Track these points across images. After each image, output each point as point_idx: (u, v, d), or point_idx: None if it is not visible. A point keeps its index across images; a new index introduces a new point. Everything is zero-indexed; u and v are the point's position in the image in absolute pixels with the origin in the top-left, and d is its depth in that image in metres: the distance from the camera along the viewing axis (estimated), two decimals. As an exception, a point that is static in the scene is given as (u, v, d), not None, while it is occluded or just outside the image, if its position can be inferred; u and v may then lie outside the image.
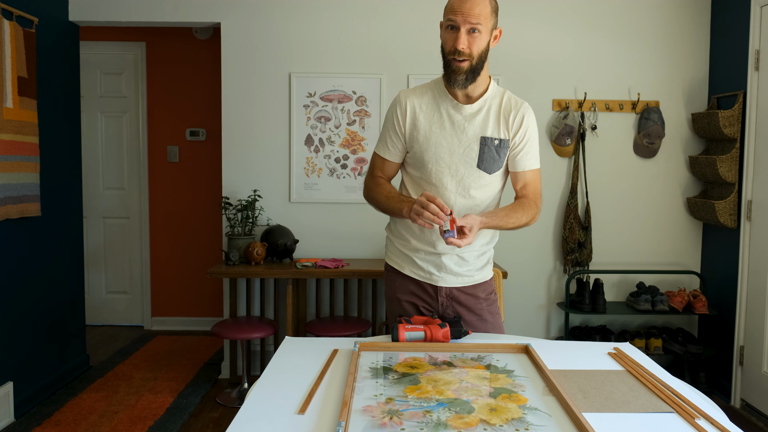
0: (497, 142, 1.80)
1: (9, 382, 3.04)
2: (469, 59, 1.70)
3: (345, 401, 1.23)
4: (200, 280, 4.83)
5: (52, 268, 3.46)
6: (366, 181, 1.94)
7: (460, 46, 1.68)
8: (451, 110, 1.80)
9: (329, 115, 3.74)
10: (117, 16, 3.69)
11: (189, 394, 3.47)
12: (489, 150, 1.79)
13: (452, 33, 1.70)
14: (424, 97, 1.83)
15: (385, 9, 3.72)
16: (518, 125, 1.81)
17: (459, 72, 1.71)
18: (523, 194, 1.86)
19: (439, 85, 1.83)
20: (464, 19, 1.66)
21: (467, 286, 1.90)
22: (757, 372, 3.23)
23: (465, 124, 1.79)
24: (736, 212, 3.39)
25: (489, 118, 1.80)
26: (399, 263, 1.94)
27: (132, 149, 4.80)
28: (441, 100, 1.81)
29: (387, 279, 2.00)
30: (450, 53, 1.71)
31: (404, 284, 1.92)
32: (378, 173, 1.91)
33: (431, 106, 1.81)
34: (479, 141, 1.79)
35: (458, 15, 1.67)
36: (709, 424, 1.19)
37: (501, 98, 1.83)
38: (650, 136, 3.74)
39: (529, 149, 1.84)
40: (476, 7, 1.66)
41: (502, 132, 1.80)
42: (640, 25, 3.72)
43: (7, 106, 2.94)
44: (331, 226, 3.79)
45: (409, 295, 1.91)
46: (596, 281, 3.60)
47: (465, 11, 1.66)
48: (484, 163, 1.79)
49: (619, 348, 1.68)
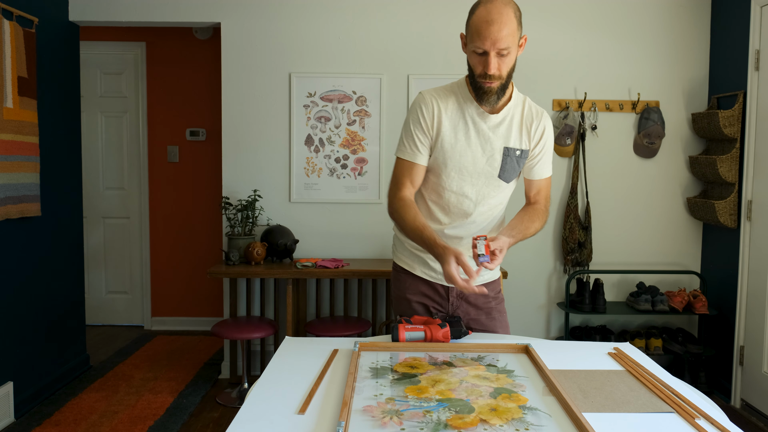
0: (519, 152, 1.78)
1: (9, 382, 3.04)
2: (500, 79, 1.66)
3: (345, 401, 1.23)
4: (200, 280, 4.83)
5: (53, 268, 3.46)
6: (391, 195, 1.81)
7: (492, 71, 1.63)
8: (477, 118, 1.75)
9: (329, 115, 3.74)
10: (117, 16, 3.69)
11: (189, 394, 3.47)
12: (511, 160, 1.78)
13: (481, 58, 1.64)
14: (449, 102, 1.76)
15: (385, 9, 3.72)
16: (539, 136, 1.79)
17: (490, 93, 1.67)
18: (536, 200, 1.88)
19: (462, 89, 1.77)
20: (492, 44, 1.59)
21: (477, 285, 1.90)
22: (757, 372, 3.23)
23: (490, 134, 1.76)
24: (736, 212, 3.39)
25: (512, 128, 1.77)
26: (410, 264, 1.92)
27: (132, 149, 4.80)
28: (466, 106, 1.76)
29: (396, 279, 1.98)
30: (479, 76, 1.66)
31: (415, 285, 1.92)
32: (405, 182, 1.78)
33: (456, 112, 1.76)
34: (502, 151, 1.77)
35: (486, 41, 1.59)
36: (709, 424, 1.19)
37: (522, 107, 1.79)
38: (650, 136, 3.74)
39: (546, 159, 1.84)
40: (504, 29, 1.58)
41: (524, 142, 1.79)
42: (640, 25, 3.73)
43: (7, 106, 2.94)
44: (331, 226, 3.79)
45: (420, 296, 1.91)
46: (596, 281, 3.60)
47: (493, 37, 1.58)
48: (505, 173, 1.79)
49: (619, 348, 1.68)
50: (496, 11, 1.59)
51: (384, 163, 3.76)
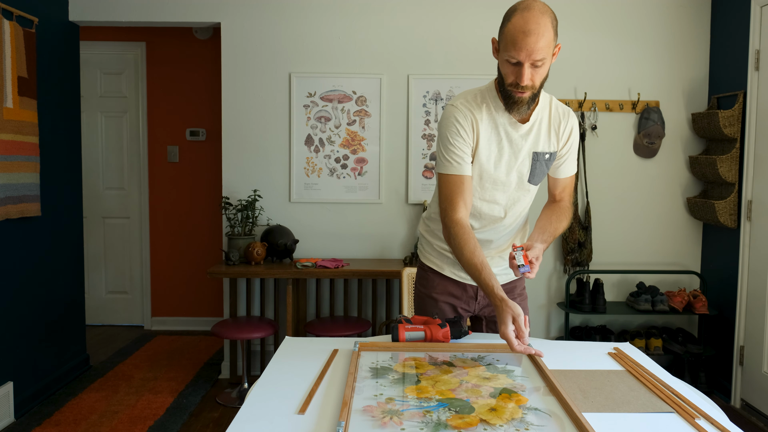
0: (548, 156, 1.76)
1: (9, 382, 3.04)
2: (531, 90, 1.62)
3: (345, 401, 1.23)
4: (200, 280, 4.83)
5: (52, 268, 3.46)
6: (446, 218, 1.71)
7: (525, 82, 1.58)
8: (509, 128, 1.72)
9: (329, 115, 3.74)
10: (117, 16, 3.69)
11: (189, 394, 3.47)
12: (540, 164, 1.76)
13: (514, 68, 1.59)
14: (482, 112, 1.71)
15: (385, 9, 3.72)
16: (567, 137, 1.77)
17: (521, 103, 1.64)
18: (561, 197, 1.88)
19: (492, 96, 1.72)
20: (528, 55, 1.54)
21: (505, 283, 1.91)
22: (757, 372, 3.23)
23: (521, 142, 1.73)
24: (736, 212, 3.39)
25: (541, 132, 1.74)
26: (439, 264, 1.92)
27: (132, 149, 4.80)
28: (497, 116, 1.71)
29: (422, 278, 1.97)
30: (511, 86, 1.61)
31: (443, 284, 1.91)
32: (458, 202, 1.69)
33: (489, 123, 1.72)
34: (531, 156, 1.74)
35: (522, 52, 1.54)
36: (709, 424, 1.19)
37: (549, 109, 1.76)
38: (650, 136, 3.74)
39: (572, 157, 1.83)
40: (540, 40, 1.52)
41: (552, 144, 1.76)
42: (640, 25, 3.73)
43: (7, 106, 2.94)
44: (331, 226, 3.79)
45: (447, 296, 1.91)
46: (596, 281, 3.60)
47: (529, 48, 1.53)
48: (535, 177, 1.78)
49: (619, 348, 1.68)
50: (534, 21, 1.52)
51: (384, 163, 3.76)
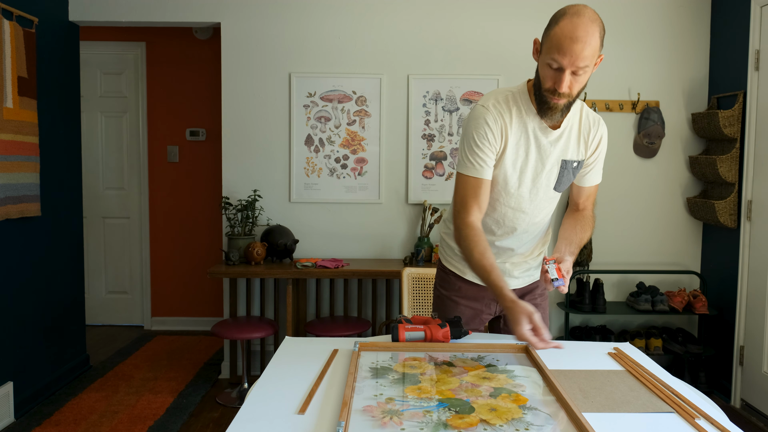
0: (575, 164, 1.74)
1: (9, 382, 3.04)
2: (568, 98, 1.58)
3: (345, 401, 1.23)
4: (200, 280, 4.83)
5: (52, 268, 3.46)
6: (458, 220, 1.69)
7: (562, 89, 1.54)
8: (539, 133, 1.68)
9: (329, 115, 3.74)
10: (117, 16, 3.69)
11: (189, 394, 3.47)
12: (567, 173, 1.74)
13: (554, 72, 1.54)
14: (513, 114, 1.67)
15: (385, 9, 3.72)
16: (596, 145, 1.74)
17: (556, 110, 1.60)
18: (585, 206, 1.85)
19: (524, 98, 1.68)
20: (571, 62, 1.50)
21: (526, 285, 1.92)
22: (757, 372, 3.23)
23: (550, 148, 1.69)
24: (736, 212, 3.39)
25: (570, 139, 1.71)
26: (461, 268, 1.91)
27: (132, 149, 4.80)
28: (528, 120, 1.67)
29: (443, 280, 1.97)
30: (548, 91, 1.57)
31: (464, 288, 1.91)
32: (472, 205, 1.67)
33: (519, 126, 1.67)
34: (560, 164, 1.72)
35: (566, 58, 1.49)
36: (709, 424, 1.19)
37: (580, 116, 1.72)
38: (650, 136, 3.74)
39: (599, 166, 1.80)
40: (587, 48, 1.48)
41: (581, 153, 1.74)
42: (640, 25, 3.72)
43: (7, 106, 2.94)
44: (331, 226, 3.79)
45: (469, 300, 1.91)
46: (596, 281, 3.60)
47: (575, 54, 1.48)
48: (561, 185, 1.76)
49: (619, 348, 1.68)
50: (583, 28, 1.48)
51: (384, 164, 3.76)
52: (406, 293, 2.61)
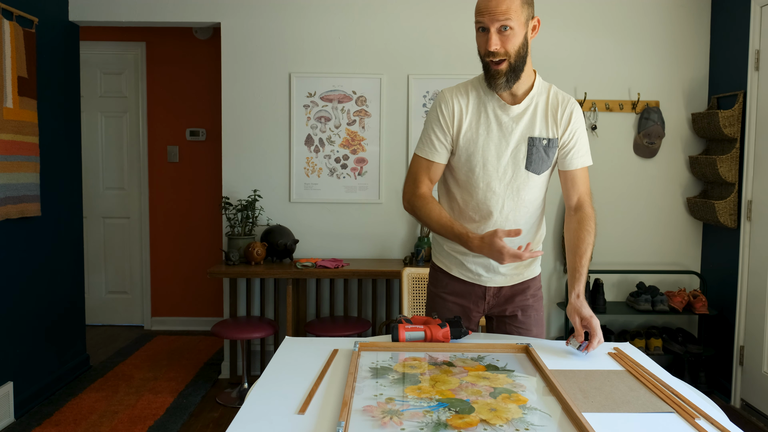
0: (545, 141, 1.74)
1: (9, 382, 3.04)
2: (507, 58, 1.63)
3: (345, 401, 1.23)
4: (200, 280, 4.83)
5: (52, 268, 3.46)
6: (408, 192, 1.80)
7: (492, 47, 1.62)
8: (498, 111, 1.73)
9: (329, 115, 3.74)
10: (117, 16, 3.69)
11: (189, 394, 3.47)
12: (537, 150, 1.74)
13: (483, 35, 1.64)
14: (470, 97, 1.76)
15: (385, 9, 3.72)
16: (566, 122, 1.75)
17: (498, 75, 1.65)
18: (580, 204, 1.82)
19: (482, 83, 1.75)
20: (492, 18, 1.60)
21: (515, 284, 1.90)
22: (757, 372, 3.23)
23: (512, 125, 1.73)
24: (736, 212, 3.39)
25: (536, 116, 1.74)
26: (447, 264, 1.91)
27: (132, 149, 4.80)
28: (487, 99, 1.74)
29: (433, 277, 1.98)
30: (486, 56, 1.65)
31: (451, 285, 1.91)
32: (423, 179, 1.79)
33: (477, 107, 1.75)
34: (527, 142, 1.73)
35: (485, 15, 1.61)
36: (709, 424, 1.19)
37: (547, 94, 1.76)
38: (650, 136, 3.74)
39: (580, 146, 1.78)
40: (502, 4, 1.59)
41: (551, 131, 1.75)
42: (640, 25, 3.72)
43: (7, 106, 2.94)
44: (331, 226, 3.79)
45: (456, 296, 1.91)
46: (596, 281, 3.60)
47: (491, 10, 1.59)
48: (533, 165, 1.75)
49: (619, 348, 1.68)
50: None
51: (384, 163, 3.76)
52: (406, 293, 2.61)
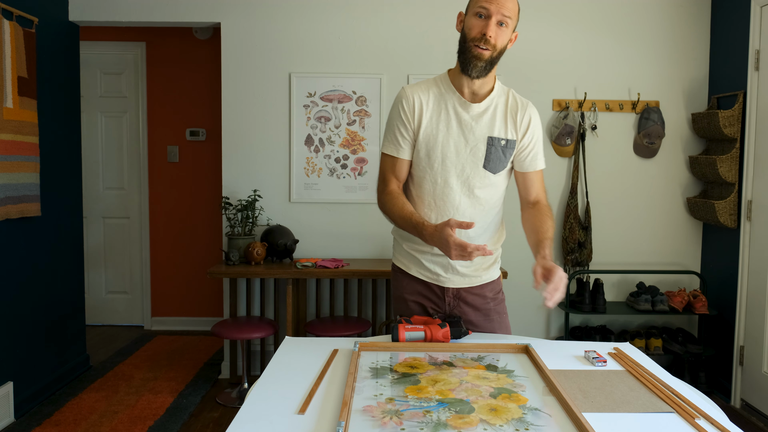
0: (504, 142, 1.77)
1: (9, 382, 3.04)
2: (492, 50, 1.68)
3: (345, 401, 1.23)
4: (200, 280, 4.83)
5: (52, 268, 3.46)
6: (378, 191, 1.85)
7: (489, 33, 1.65)
8: (459, 108, 1.76)
9: (329, 115, 3.74)
10: (117, 16, 3.69)
11: (189, 394, 3.47)
12: (496, 150, 1.77)
13: (481, 21, 1.66)
14: (430, 93, 1.78)
15: (385, 9, 3.72)
16: (526, 126, 1.79)
17: (480, 58, 1.68)
18: (537, 200, 1.87)
19: (444, 81, 1.79)
20: (497, 9, 1.63)
21: (474, 286, 1.89)
22: (757, 372, 3.23)
23: (472, 123, 1.76)
24: (736, 212, 3.39)
25: (496, 117, 1.77)
26: (406, 264, 1.92)
27: (132, 149, 4.80)
28: (448, 96, 1.77)
29: (394, 279, 1.98)
30: (474, 40, 1.68)
31: (411, 284, 1.91)
32: (390, 178, 1.82)
33: (437, 103, 1.77)
34: (486, 141, 1.76)
35: (492, 4, 1.64)
36: (709, 424, 1.19)
37: (506, 97, 1.80)
38: (650, 136, 3.74)
39: (538, 150, 1.83)
40: (509, 2, 1.65)
41: (510, 132, 1.78)
42: (640, 25, 3.72)
43: (7, 106, 2.94)
44: (331, 226, 3.79)
45: (416, 296, 1.90)
46: (596, 281, 3.60)
47: (500, 1, 1.63)
48: (490, 164, 1.77)
49: (619, 348, 1.68)
50: None
51: (384, 163, 3.75)
52: (406, 293, 2.60)
